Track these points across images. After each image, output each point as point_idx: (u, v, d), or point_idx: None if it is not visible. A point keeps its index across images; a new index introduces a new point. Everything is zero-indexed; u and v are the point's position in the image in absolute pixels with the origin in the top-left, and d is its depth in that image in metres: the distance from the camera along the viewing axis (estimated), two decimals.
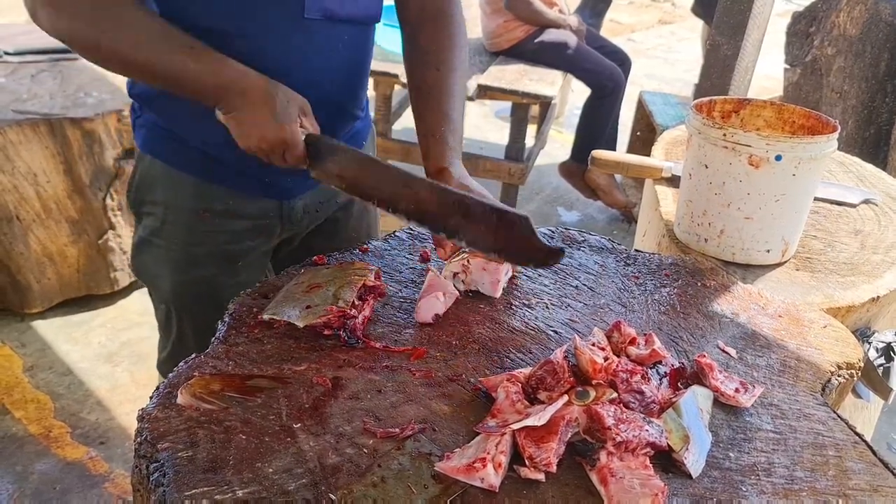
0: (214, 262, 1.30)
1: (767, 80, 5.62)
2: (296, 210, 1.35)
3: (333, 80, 1.23)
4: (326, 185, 1.12)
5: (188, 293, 1.33)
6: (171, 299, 1.35)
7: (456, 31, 1.30)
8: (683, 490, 0.81)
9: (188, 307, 1.35)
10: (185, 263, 1.30)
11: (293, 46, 1.15)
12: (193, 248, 1.28)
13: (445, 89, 1.26)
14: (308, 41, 1.16)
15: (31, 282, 2.61)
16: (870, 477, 0.87)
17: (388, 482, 0.78)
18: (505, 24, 3.64)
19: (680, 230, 1.53)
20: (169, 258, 1.31)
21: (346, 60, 1.23)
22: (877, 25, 2.91)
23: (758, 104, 1.53)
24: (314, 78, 1.19)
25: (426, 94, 1.26)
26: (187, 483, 0.76)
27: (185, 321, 1.37)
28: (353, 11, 1.20)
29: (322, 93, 1.20)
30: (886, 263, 1.47)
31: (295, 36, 1.14)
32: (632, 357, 0.98)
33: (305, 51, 1.16)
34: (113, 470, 2.07)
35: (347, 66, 1.24)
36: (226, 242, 1.29)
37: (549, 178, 4.16)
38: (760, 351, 1.09)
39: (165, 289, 1.35)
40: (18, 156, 2.42)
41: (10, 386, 2.37)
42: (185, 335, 1.39)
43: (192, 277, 1.31)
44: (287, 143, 1.07)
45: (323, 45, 1.18)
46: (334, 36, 1.19)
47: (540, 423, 0.82)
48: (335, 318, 1.00)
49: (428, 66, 1.27)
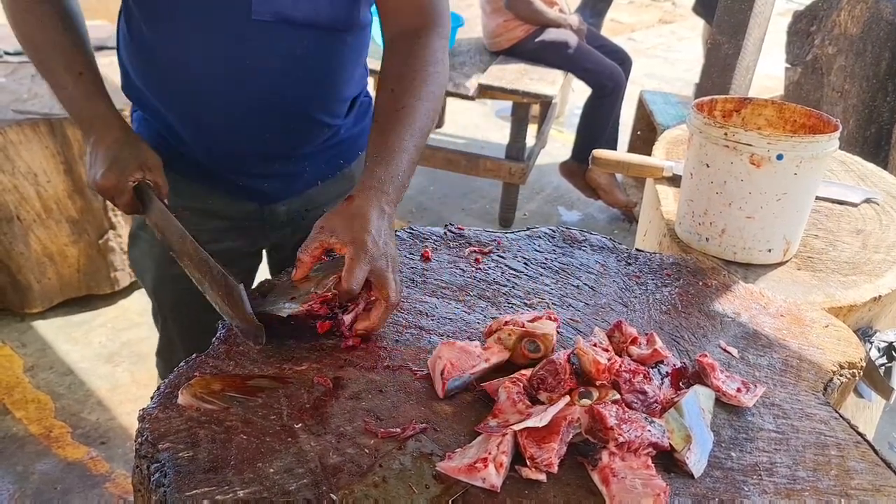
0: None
1: (769, 80, 5.62)
2: (277, 214, 1.35)
3: (296, 88, 1.20)
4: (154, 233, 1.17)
5: (168, 289, 1.35)
6: (152, 294, 1.39)
7: (427, 59, 1.17)
8: (685, 490, 0.81)
9: (169, 303, 1.38)
10: (165, 259, 1.30)
11: (244, 49, 1.14)
12: None
13: (395, 115, 1.11)
14: (260, 44, 1.14)
15: (31, 282, 2.61)
16: (872, 477, 0.87)
17: (389, 482, 0.78)
18: (505, 24, 3.64)
19: (681, 229, 1.53)
20: (151, 253, 1.33)
21: (310, 69, 1.19)
22: (878, 24, 2.91)
23: (759, 103, 1.53)
24: (270, 83, 1.18)
25: (376, 115, 1.15)
26: (188, 483, 0.76)
27: (167, 316, 1.40)
28: (312, 16, 1.14)
29: (283, 100, 1.20)
30: (888, 263, 1.47)
31: (245, 37, 1.13)
32: (633, 357, 0.98)
33: (259, 54, 1.14)
34: (114, 470, 2.07)
35: (313, 74, 1.20)
36: (205, 242, 1.28)
37: (550, 178, 4.16)
38: (762, 350, 1.09)
39: (149, 283, 1.38)
40: (19, 156, 2.42)
41: (10, 386, 2.37)
42: (169, 329, 1.42)
43: (171, 273, 1.30)
44: (111, 190, 1.12)
45: (279, 50, 1.15)
46: (292, 41, 1.15)
47: (541, 424, 0.81)
48: (317, 304, 0.97)
49: (384, 88, 1.16)
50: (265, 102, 1.19)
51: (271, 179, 1.31)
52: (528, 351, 0.96)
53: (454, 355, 0.93)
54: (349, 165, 1.41)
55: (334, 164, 1.38)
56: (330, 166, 1.37)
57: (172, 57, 1.16)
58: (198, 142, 1.23)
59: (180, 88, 1.19)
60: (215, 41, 1.13)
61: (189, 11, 1.11)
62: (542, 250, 1.29)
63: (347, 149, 1.39)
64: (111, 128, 1.14)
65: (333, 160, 1.37)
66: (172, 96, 1.21)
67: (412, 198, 3.87)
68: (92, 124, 1.14)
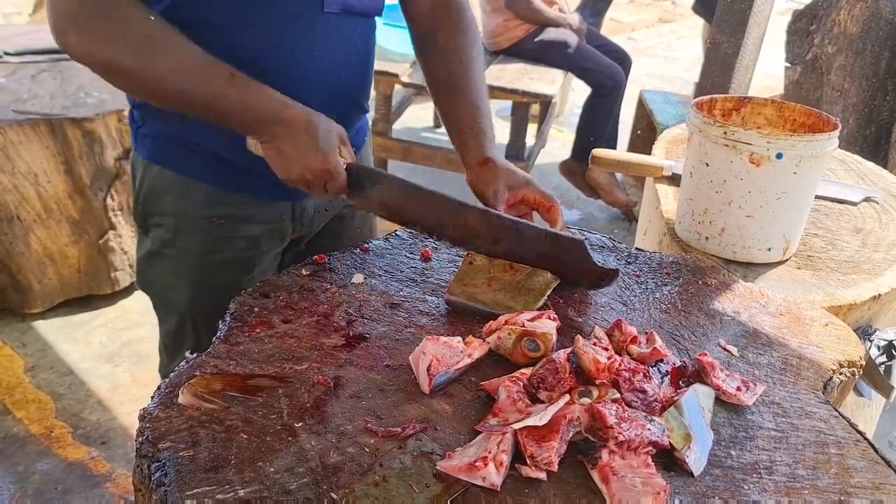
0: (232, 269, 1.28)
1: (768, 79, 5.62)
2: (307, 210, 1.34)
3: (350, 74, 1.23)
4: (369, 212, 1.13)
5: (207, 302, 1.28)
6: (188, 310, 1.31)
7: (470, 23, 1.32)
8: (685, 488, 0.81)
9: (207, 316, 1.30)
10: (202, 273, 1.27)
11: (314, 41, 1.14)
12: (209, 257, 1.26)
13: (471, 81, 1.28)
14: (328, 35, 1.15)
15: (31, 282, 2.61)
16: (872, 475, 0.87)
17: (389, 481, 0.78)
18: (505, 23, 3.64)
19: (681, 229, 1.53)
20: (185, 268, 1.27)
21: (359, 53, 1.23)
22: (877, 23, 2.91)
23: (758, 102, 1.53)
24: (334, 72, 1.18)
25: (452, 88, 1.29)
26: (189, 483, 0.76)
27: (202, 331, 1.32)
28: (368, 4, 1.20)
29: (340, 87, 1.21)
30: (888, 261, 1.47)
31: (315, 30, 1.13)
32: (633, 356, 0.98)
33: (326, 45, 1.15)
34: (114, 470, 2.08)
35: (360, 59, 1.24)
36: (241, 249, 1.27)
37: (550, 177, 4.16)
38: (762, 349, 1.09)
39: (182, 300, 1.30)
40: (19, 156, 2.42)
41: (11, 386, 2.37)
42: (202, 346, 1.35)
43: (209, 285, 1.28)
44: (330, 173, 1.06)
45: (341, 39, 1.17)
46: (350, 29, 1.19)
47: (541, 423, 0.81)
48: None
49: (450, 61, 1.29)
50: (326, 93, 1.17)
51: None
52: (527, 350, 0.97)
53: (439, 351, 0.93)
54: (360, 153, 1.41)
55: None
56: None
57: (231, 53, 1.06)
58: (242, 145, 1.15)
59: None
60: (285, 34, 1.11)
61: (256, 4, 1.08)
62: None
63: (360, 136, 1.40)
64: (295, 110, 1.05)
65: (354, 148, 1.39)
66: None
67: None
68: (275, 115, 1.04)
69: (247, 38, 1.09)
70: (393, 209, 1.11)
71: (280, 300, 1.08)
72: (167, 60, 1.00)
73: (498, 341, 0.99)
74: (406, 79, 3.41)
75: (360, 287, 1.14)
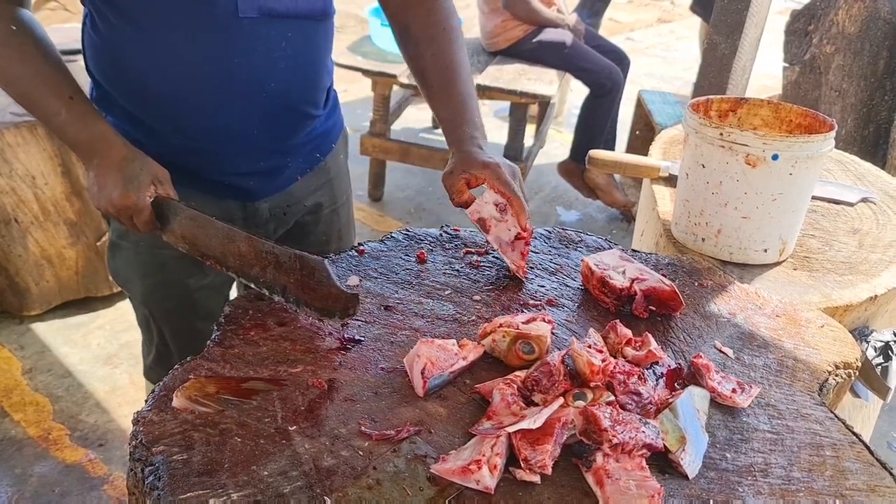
0: (182, 265, 1.29)
1: (767, 79, 5.61)
2: (260, 212, 1.35)
3: (280, 81, 1.21)
4: (177, 247, 1.14)
5: (160, 296, 1.33)
6: (144, 303, 1.35)
7: (444, 9, 1.29)
8: (680, 491, 0.81)
9: (162, 310, 1.35)
10: (154, 266, 1.29)
11: (231, 47, 1.13)
12: (160, 251, 1.27)
13: (450, 72, 1.26)
14: (246, 41, 1.14)
15: (29, 284, 2.61)
16: (867, 477, 0.87)
17: (383, 484, 0.78)
18: (503, 24, 3.64)
19: (677, 230, 1.53)
20: (137, 261, 1.31)
21: (292, 59, 1.21)
22: (875, 23, 2.91)
23: (755, 103, 1.53)
24: (257, 78, 1.18)
25: (432, 81, 1.27)
26: (182, 486, 0.76)
27: (162, 325, 1.37)
28: (293, 7, 1.17)
29: (268, 94, 1.20)
30: (884, 262, 1.47)
31: (232, 35, 1.13)
32: (628, 358, 0.98)
33: (245, 50, 1.15)
34: (112, 472, 2.07)
35: (295, 64, 1.22)
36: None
37: (549, 178, 4.16)
38: (757, 351, 1.09)
39: (138, 293, 1.34)
40: (16, 158, 2.42)
41: (8, 388, 2.37)
42: (164, 338, 1.39)
43: (161, 280, 1.30)
44: (131, 209, 1.09)
45: (263, 44, 1.16)
46: (276, 34, 1.17)
47: (535, 426, 0.81)
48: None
49: (426, 54, 1.27)
50: (252, 98, 1.18)
51: (255, 177, 1.30)
52: (522, 353, 0.96)
53: (433, 353, 0.93)
54: (325, 159, 1.42)
55: (312, 159, 1.39)
56: (308, 161, 1.38)
57: (152, 60, 1.13)
58: (179, 144, 1.20)
59: (162, 91, 1.16)
60: (200, 41, 1.12)
61: (171, 12, 1.10)
62: (537, 251, 1.29)
63: (322, 142, 1.40)
64: (115, 145, 1.11)
65: (311, 154, 1.39)
66: (152, 100, 1.18)
67: (410, 199, 3.87)
68: (93, 146, 1.11)
69: (173, 43, 1.12)
70: (189, 240, 1.11)
71: (275, 303, 1.08)
72: (12, 71, 1.09)
73: (493, 344, 0.99)
74: (404, 79, 3.40)
75: (355, 289, 1.14)
